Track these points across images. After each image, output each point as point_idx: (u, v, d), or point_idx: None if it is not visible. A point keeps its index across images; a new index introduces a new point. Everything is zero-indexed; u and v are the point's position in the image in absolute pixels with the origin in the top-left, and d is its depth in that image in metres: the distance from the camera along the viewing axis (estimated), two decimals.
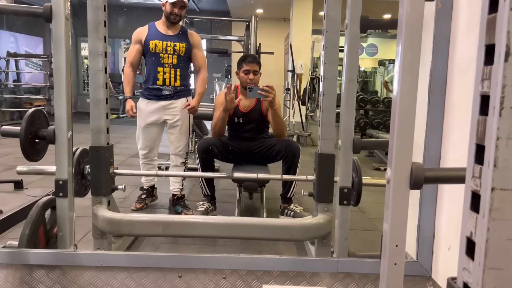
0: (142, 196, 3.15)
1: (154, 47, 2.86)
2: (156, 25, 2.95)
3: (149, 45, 2.86)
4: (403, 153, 0.97)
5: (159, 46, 2.87)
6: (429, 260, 1.52)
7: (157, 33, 2.91)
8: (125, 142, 6.37)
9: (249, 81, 2.83)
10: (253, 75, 2.86)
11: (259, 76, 2.91)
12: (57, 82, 1.61)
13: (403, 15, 0.93)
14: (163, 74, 2.88)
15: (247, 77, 2.85)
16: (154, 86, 2.89)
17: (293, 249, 2.47)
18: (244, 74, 2.87)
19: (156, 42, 2.87)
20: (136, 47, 2.91)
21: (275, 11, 9.45)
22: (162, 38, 2.89)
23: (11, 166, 4.28)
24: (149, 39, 2.88)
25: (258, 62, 2.94)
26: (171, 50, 2.88)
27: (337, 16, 1.79)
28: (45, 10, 1.57)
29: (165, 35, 2.91)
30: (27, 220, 1.62)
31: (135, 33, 2.95)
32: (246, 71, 2.86)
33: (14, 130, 1.64)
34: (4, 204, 2.97)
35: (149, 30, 2.92)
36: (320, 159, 1.91)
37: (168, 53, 2.88)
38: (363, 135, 6.50)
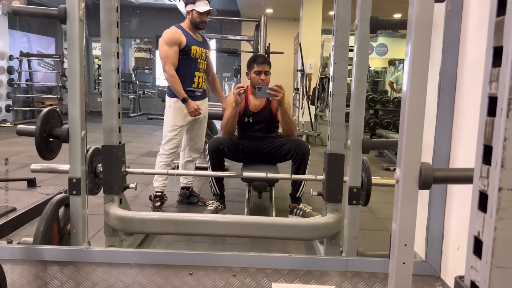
0: (157, 204, 3.04)
1: (195, 52, 3.00)
2: (187, 30, 3.02)
3: (191, 50, 2.97)
4: (412, 153, 0.98)
5: (199, 52, 3.02)
6: (438, 259, 1.52)
7: (193, 39, 3.02)
8: (136, 141, 6.43)
9: (261, 82, 2.86)
10: (264, 75, 2.88)
11: (269, 77, 2.93)
12: (71, 82, 1.65)
13: (413, 16, 0.94)
14: (198, 78, 3.07)
15: (259, 78, 2.87)
16: (190, 88, 3.03)
17: (302, 248, 2.49)
18: (255, 75, 2.90)
19: (196, 48, 3.00)
20: (175, 49, 2.94)
21: (284, 10, 9.45)
22: (198, 44, 3.03)
23: (24, 164, 4.34)
24: (190, 44, 2.97)
25: (269, 63, 2.96)
26: (204, 56, 3.07)
27: (347, 16, 1.80)
28: (60, 12, 1.61)
29: (198, 41, 3.05)
30: (42, 217, 1.66)
31: (172, 35, 2.96)
32: (257, 72, 2.89)
33: (29, 129, 1.67)
34: (17, 202, 3.02)
35: (186, 35, 2.98)
36: (329, 159, 1.92)
37: (202, 59, 3.07)
38: (373, 135, 6.47)
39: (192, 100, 3.00)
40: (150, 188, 3.68)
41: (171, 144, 3.04)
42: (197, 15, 2.98)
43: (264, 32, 5.67)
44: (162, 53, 2.95)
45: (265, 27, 5.66)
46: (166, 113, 3.10)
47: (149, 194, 3.23)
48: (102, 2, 1.89)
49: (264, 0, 8.90)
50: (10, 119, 8.12)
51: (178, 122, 3.04)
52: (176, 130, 3.04)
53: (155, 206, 3.03)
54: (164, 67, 2.96)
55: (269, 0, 8.87)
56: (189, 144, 3.19)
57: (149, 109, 11.25)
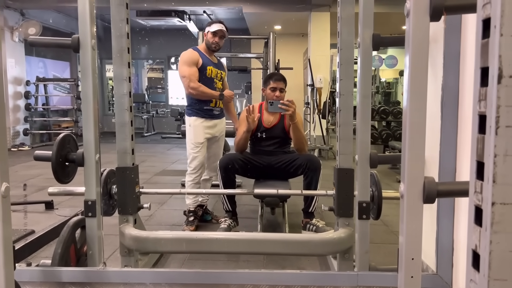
0: (190, 219, 3.13)
1: (211, 72, 3.13)
2: (203, 51, 3.16)
3: (207, 70, 3.10)
4: (415, 167, 1.00)
5: (214, 72, 3.15)
6: (449, 272, 1.52)
7: (209, 60, 3.16)
8: (150, 161, 6.52)
9: (276, 98, 2.91)
10: (279, 92, 2.94)
11: (284, 94, 2.99)
12: (85, 108, 1.71)
13: (410, 35, 0.97)
14: None
15: (274, 94, 2.94)
16: (208, 107, 3.15)
17: (316, 264, 2.49)
18: (270, 91, 2.97)
19: (212, 68, 3.14)
20: (195, 69, 3.07)
21: (293, 27, 9.55)
22: (213, 65, 3.17)
23: (41, 187, 4.44)
24: (206, 64, 3.10)
25: (285, 80, 3.04)
26: (219, 76, 3.20)
27: (351, 34, 1.84)
28: (73, 42, 1.68)
29: (213, 62, 3.19)
30: (59, 240, 1.71)
31: (189, 56, 3.10)
32: (273, 89, 2.96)
33: (46, 154, 1.74)
34: (36, 224, 3.09)
35: (202, 56, 3.12)
36: (339, 173, 1.94)
37: (218, 79, 3.19)
38: (386, 147, 6.44)
39: (210, 118, 3.16)
40: (164, 207, 3.74)
41: (196, 161, 3.13)
42: (210, 35, 3.13)
43: (273, 48, 5.75)
44: (183, 72, 3.06)
45: (274, 44, 5.74)
46: (187, 132, 3.20)
47: (163, 213, 3.27)
48: (113, 29, 1.97)
49: (272, 17, 9.02)
50: (28, 143, 8.30)
51: (199, 139, 3.13)
52: (198, 147, 3.14)
53: (189, 221, 3.13)
54: (188, 85, 3.05)
55: (277, 17, 8.99)
56: (206, 162, 3.25)
57: (163, 128, 11.40)
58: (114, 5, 1.96)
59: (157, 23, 9.73)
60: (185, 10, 8.72)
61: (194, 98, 3.11)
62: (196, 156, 3.12)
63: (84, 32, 1.67)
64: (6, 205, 1.14)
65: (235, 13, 8.79)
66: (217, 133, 3.24)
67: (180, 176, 5.16)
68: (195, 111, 3.16)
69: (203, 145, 3.16)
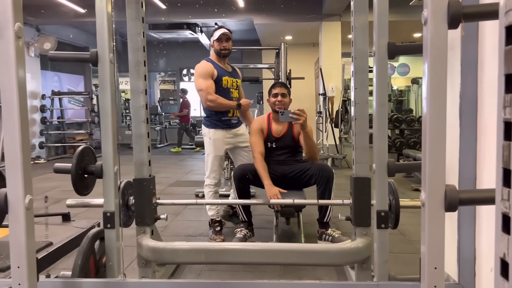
0: (217, 229, 3.13)
1: (226, 83, 3.15)
2: (216, 62, 3.16)
3: (222, 81, 3.11)
4: (436, 176, 0.99)
5: (229, 82, 3.18)
6: (471, 282, 1.50)
7: (224, 70, 3.17)
8: (164, 172, 6.56)
9: (278, 103, 2.94)
10: (281, 97, 2.97)
11: (288, 99, 3.01)
12: (103, 121, 1.74)
13: (428, 43, 0.97)
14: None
15: (276, 100, 2.97)
16: (226, 117, 3.16)
17: (333, 274, 2.47)
18: (273, 98, 3.00)
19: (227, 78, 3.15)
20: (211, 81, 3.07)
21: (304, 36, 9.60)
22: (228, 74, 3.18)
23: (58, 199, 4.49)
24: (221, 75, 3.12)
25: (286, 86, 3.08)
26: (235, 85, 3.23)
27: (365, 43, 1.85)
28: (91, 56, 1.71)
29: (227, 71, 3.20)
30: (79, 251, 1.72)
31: (204, 68, 3.11)
32: (275, 95, 3.00)
33: (66, 167, 1.76)
34: (54, 236, 3.12)
35: (216, 67, 3.12)
36: (355, 183, 1.94)
37: (234, 88, 3.22)
38: (400, 155, 6.39)
39: (229, 128, 3.18)
40: (179, 218, 3.75)
41: (214, 173, 3.17)
42: (216, 44, 3.14)
43: (284, 58, 5.78)
44: (200, 85, 3.07)
45: (285, 54, 5.77)
46: (207, 145, 3.20)
47: (178, 223, 3.29)
48: (129, 43, 2.00)
49: (283, 28, 9.08)
50: (44, 156, 8.42)
51: (219, 152, 3.17)
52: (217, 160, 3.17)
53: (216, 231, 3.12)
54: (206, 98, 3.05)
55: (288, 27, 9.04)
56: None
57: (175, 139, 11.47)
58: (131, 19, 1.99)
59: (169, 36, 9.86)
60: (197, 23, 8.83)
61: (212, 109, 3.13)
62: (216, 169, 3.16)
63: (102, 46, 1.70)
64: (29, 217, 1.16)
65: (246, 25, 8.87)
66: (238, 141, 3.25)
67: (194, 187, 5.18)
68: (213, 122, 3.17)
69: (222, 158, 3.22)
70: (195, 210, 3.94)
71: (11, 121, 1.11)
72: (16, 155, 1.11)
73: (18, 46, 1.11)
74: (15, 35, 1.09)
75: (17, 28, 1.10)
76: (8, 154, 1.12)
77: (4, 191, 1.14)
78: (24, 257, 1.13)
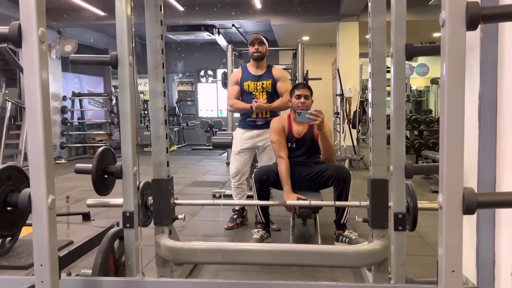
0: (234, 217, 3.50)
1: (248, 87, 3.38)
2: (248, 67, 3.46)
3: (244, 86, 3.38)
4: (454, 178, 0.99)
5: (252, 86, 3.38)
6: (490, 285, 1.48)
7: (249, 75, 3.41)
8: (182, 172, 6.62)
9: (300, 105, 2.93)
10: (304, 99, 2.95)
11: (310, 101, 3.00)
12: (123, 122, 1.77)
13: (446, 44, 0.97)
14: None
15: (299, 101, 2.95)
16: (250, 118, 3.39)
17: (350, 276, 2.46)
18: (295, 99, 2.99)
19: (249, 83, 3.37)
20: (236, 88, 3.42)
21: (321, 37, 9.56)
22: (253, 78, 3.39)
23: (78, 199, 4.58)
24: (243, 80, 3.39)
25: (309, 88, 3.06)
26: (260, 88, 3.38)
27: (383, 44, 1.84)
28: (111, 58, 1.75)
29: (255, 75, 3.40)
30: (99, 250, 1.76)
31: (232, 76, 3.56)
32: (298, 96, 2.98)
33: (86, 167, 1.80)
34: (74, 235, 3.19)
35: (242, 73, 3.44)
36: (373, 184, 1.92)
37: (259, 91, 3.37)
38: (418, 157, 6.31)
39: (251, 129, 3.39)
40: (196, 218, 3.79)
41: (233, 167, 3.43)
42: (250, 47, 3.40)
43: (301, 59, 5.77)
44: (227, 91, 3.43)
45: (302, 55, 5.76)
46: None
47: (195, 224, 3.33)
48: (148, 46, 2.03)
49: (300, 29, 9.06)
50: (65, 156, 8.59)
51: (236, 148, 3.42)
52: (235, 155, 3.43)
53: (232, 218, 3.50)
54: (227, 102, 3.44)
55: (305, 28, 9.02)
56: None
57: (193, 140, 11.57)
58: (150, 22, 2.02)
59: (187, 38, 9.93)
60: (214, 24, 8.87)
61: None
62: (233, 162, 3.44)
63: (122, 49, 1.74)
64: (52, 217, 1.19)
65: (263, 26, 8.88)
66: (261, 142, 3.37)
67: (211, 187, 5.22)
68: (239, 122, 3.51)
69: (240, 154, 3.40)
70: (212, 211, 3.97)
71: (35, 123, 1.15)
72: (39, 156, 1.15)
73: (42, 50, 1.14)
74: (38, 40, 1.12)
75: (40, 33, 1.13)
76: (32, 155, 1.15)
77: (27, 191, 1.18)
78: (47, 256, 1.17)
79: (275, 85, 3.37)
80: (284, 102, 3.31)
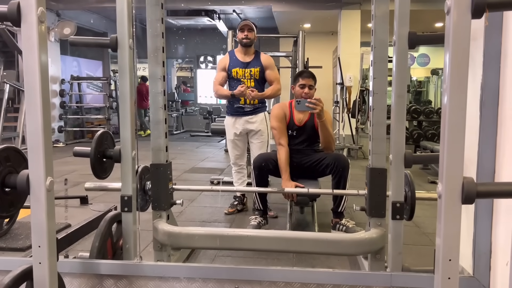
0: (234, 203, 3.55)
1: (236, 74, 3.38)
2: (236, 53, 3.45)
3: (232, 72, 3.38)
4: (454, 168, 0.98)
5: (240, 73, 3.38)
6: (486, 275, 1.49)
7: (237, 61, 3.41)
8: (180, 158, 6.62)
9: (304, 95, 2.91)
10: (308, 89, 2.93)
11: (314, 91, 2.98)
12: (122, 106, 1.76)
13: (450, 32, 0.96)
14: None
15: (302, 91, 2.93)
16: (237, 105, 3.41)
17: (346, 264, 2.47)
18: (299, 88, 2.96)
19: (237, 69, 3.38)
20: (223, 74, 3.42)
21: (322, 25, 9.49)
22: (241, 65, 3.39)
23: (76, 182, 4.58)
24: (231, 67, 3.39)
25: (314, 78, 3.02)
26: (248, 75, 3.38)
27: (385, 32, 1.82)
28: (111, 41, 1.73)
29: (243, 62, 3.40)
30: (97, 233, 1.77)
31: (219, 62, 3.53)
32: (302, 85, 2.95)
33: (85, 150, 1.79)
34: (72, 218, 3.19)
35: (230, 59, 3.43)
36: (371, 173, 1.93)
37: (247, 78, 3.38)
38: (417, 147, 6.32)
39: (240, 115, 3.42)
40: (195, 204, 3.80)
41: (231, 154, 3.56)
42: (239, 33, 3.39)
43: (302, 47, 5.73)
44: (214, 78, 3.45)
45: (303, 42, 5.72)
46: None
47: (193, 209, 3.34)
48: (148, 29, 2.01)
49: (301, 16, 8.98)
50: (63, 139, 8.57)
51: (229, 136, 3.51)
52: (230, 143, 3.54)
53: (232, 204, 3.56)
54: (213, 89, 3.43)
55: (307, 15, 8.95)
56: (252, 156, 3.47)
57: (192, 126, 11.56)
58: (150, 5, 2.00)
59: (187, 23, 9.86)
60: (215, 10, 8.80)
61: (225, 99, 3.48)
62: (231, 150, 3.56)
63: (122, 32, 1.71)
64: (50, 199, 1.19)
65: (265, 12, 8.81)
66: (251, 127, 3.41)
67: (209, 174, 5.22)
68: (228, 109, 3.53)
69: (234, 141, 3.49)
70: (210, 197, 3.98)
71: (34, 105, 1.14)
72: (38, 138, 1.14)
73: (41, 31, 1.13)
74: (38, 20, 1.11)
75: (39, 13, 1.11)
76: (30, 137, 1.15)
77: (26, 172, 1.17)
78: (45, 237, 1.17)
79: (263, 72, 3.38)
80: (275, 91, 3.39)
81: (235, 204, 3.54)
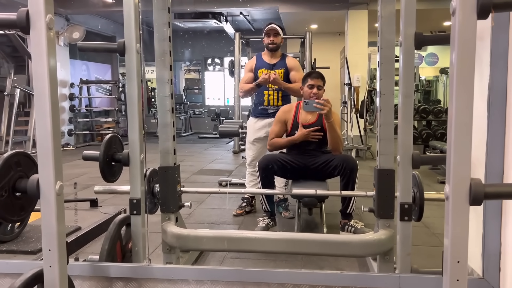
0: (243, 204, 3.58)
1: (262, 74, 3.38)
2: (262, 56, 3.58)
3: (258, 73, 3.46)
4: (461, 169, 0.98)
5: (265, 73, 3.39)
6: (496, 277, 1.48)
7: (263, 63, 3.53)
8: (189, 160, 6.64)
9: (313, 95, 2.90)
10: (317, 89, 2.92)
11: (322, 92, 2.97)
12: (130, 109, 1.77)
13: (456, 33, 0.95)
14: (267, 96, 3.47)
15: (311, 92, 2.92)
16: (261, 106, 3.50)
17: (354, 265, 2.47)
18: (308, 89, 2.95)
19: (263, 70, 3.45)
20: (249, 75, 3.55)
21: (329, 25, 9.46)
22: (267, 66, 3.49)
23: (86, 185, 4.62)
24: (257, 68, 3.51)
25: (323, 78, 3.01)
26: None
27: (392, 32, 1.81)
28: (119, 46, 1.75)
29: (269, 64, 3.51)
30: (106, 236, 1.78)
31: (247, 64, 3.74)
32: (311, 86, 2.94)
33: (94, 154, 1.81)
34: (82, 221, 3.23)
35: (257, 61, 3.57)
36: (379, 174, 1.92)
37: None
38: (426, 147, 6.28)
39: (263, 117, 3.48)
40: (203, 206, 3.81)
41: (248, 156, 3.57)
42: (265, 37, 3.50)
43: (309, 47, 5.73)
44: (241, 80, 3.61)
45: (310, 43, 5.73)
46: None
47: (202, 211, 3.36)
48: (156, 33, 2.02)
49: (308, 17, 8.97)
50: (72, 143, 8.65)
51: (250, 138, 3.57)
52: (249, 145, 3.57)
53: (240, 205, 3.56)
54: (239, 89, 3.56)
55: (314, 16, 8.93)
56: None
57: (200, 128, 11.59)
58: (157, 9, 2.01)
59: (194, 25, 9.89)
60: (222, 12, 8.82)
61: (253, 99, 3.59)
62: (249, 151, 3.58)
63: (129, 36, 1.73)
64: (60, 203, 1.20)
65: (271, 13, 8.81)
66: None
67: (218, 176, 5.24)
68: (252, 111, 3.65)
69: (254, 143, 3.52)
70: (218, 199, 4.00)
71: (43, 110, 1.15)
72: (48, 141, 1.16)
73: (50, 37, 1.14)
74: (46, 27, 1.12)
75: (48, 20, 1.13)
76: (40, 141, 1.16)
77: (36, 177, 1.19)
78: (55, 241, 1.18)
79: (287, 74, 3.45)
80: (297, 88, 3.31)
81: (243, 206, 3.56)
